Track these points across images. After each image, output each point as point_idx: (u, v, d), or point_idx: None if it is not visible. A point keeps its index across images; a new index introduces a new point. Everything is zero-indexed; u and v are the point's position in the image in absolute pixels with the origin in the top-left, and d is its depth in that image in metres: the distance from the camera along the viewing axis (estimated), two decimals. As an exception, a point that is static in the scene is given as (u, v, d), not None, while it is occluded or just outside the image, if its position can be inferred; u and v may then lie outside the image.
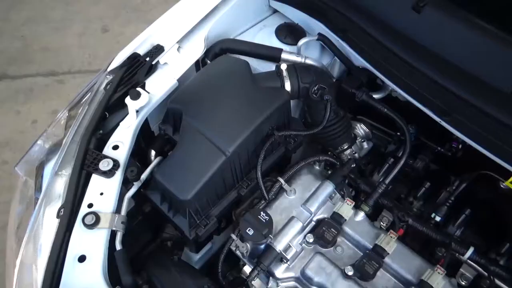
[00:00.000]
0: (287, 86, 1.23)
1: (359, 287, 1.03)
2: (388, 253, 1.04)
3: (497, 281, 1.05)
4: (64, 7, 3.48)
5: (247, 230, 1.04)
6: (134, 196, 1.15)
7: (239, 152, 1.10)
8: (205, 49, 1.35)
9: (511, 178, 1.04)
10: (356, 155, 1.36)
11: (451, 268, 1.13)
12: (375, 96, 1.29)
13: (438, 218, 1.17)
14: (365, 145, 1.41)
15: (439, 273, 0.99)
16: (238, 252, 1.15)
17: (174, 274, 1.06)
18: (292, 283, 1.11)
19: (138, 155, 1.26)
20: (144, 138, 1.32)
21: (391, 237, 1.05)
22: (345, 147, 1.34)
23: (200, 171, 1.06)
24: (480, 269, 1.08)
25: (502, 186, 1.20)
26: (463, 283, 1.10)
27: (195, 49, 1.35)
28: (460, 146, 1.23)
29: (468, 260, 1.08)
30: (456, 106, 1.04)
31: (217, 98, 1.17)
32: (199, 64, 1.38)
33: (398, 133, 1.35)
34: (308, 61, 1.32)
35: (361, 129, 1.41)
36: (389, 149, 1.37)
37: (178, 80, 1.29)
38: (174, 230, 1.26)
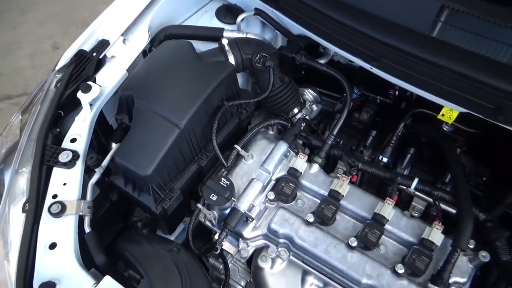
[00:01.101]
0: (231, 59, 1.30)
1: (321, 231, 1.11)
2: (343, 195, 1.12)
3: (444, 206, 1.14)
4: (12, 31, 3.44)
5: (210, 197, 1.10)
6: (98, 183, 1.18)
7: (192, 124, 1.15)
8: (149, 38, 1.40)
9: (442, 110, 1.14)
10: (307, 117, 1.44)
11: (405, 204, 1.22)
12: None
13: (385, 159, 1.26)
14: (314, 107, 1.49)
15: (388, 204, 1.08)
16: (207, 223, 1.20)
17: (144, 244, 1.09)
18: (261, 241, 1.17)
19: (98, 148, 1.29)
20: (103, 133, 1.35)
21: (343, 180, 1.13)
22: (295, 112, 1.42)
23: (157, 146, 1.11)
24: (428, 198, 1.17)
25: (445, 128, 1.31)
26: (416, 214, 1.19)
27: (140, 39, 1.40)
28: (396, 93, 1.32)
29: (416, 192, 1.17)
30: (383, 52, 1.14)
31: (165, 78, 1.22)
32: (146, 54, 1.43)
33: (345, 94, 1.44)
34: (249, 36, 1.40)
35: (309, 94, 1.49)
36: (337, 108, 1.45)
37: (127, 70, 1.34)
38: (143, 213, 1.30)
